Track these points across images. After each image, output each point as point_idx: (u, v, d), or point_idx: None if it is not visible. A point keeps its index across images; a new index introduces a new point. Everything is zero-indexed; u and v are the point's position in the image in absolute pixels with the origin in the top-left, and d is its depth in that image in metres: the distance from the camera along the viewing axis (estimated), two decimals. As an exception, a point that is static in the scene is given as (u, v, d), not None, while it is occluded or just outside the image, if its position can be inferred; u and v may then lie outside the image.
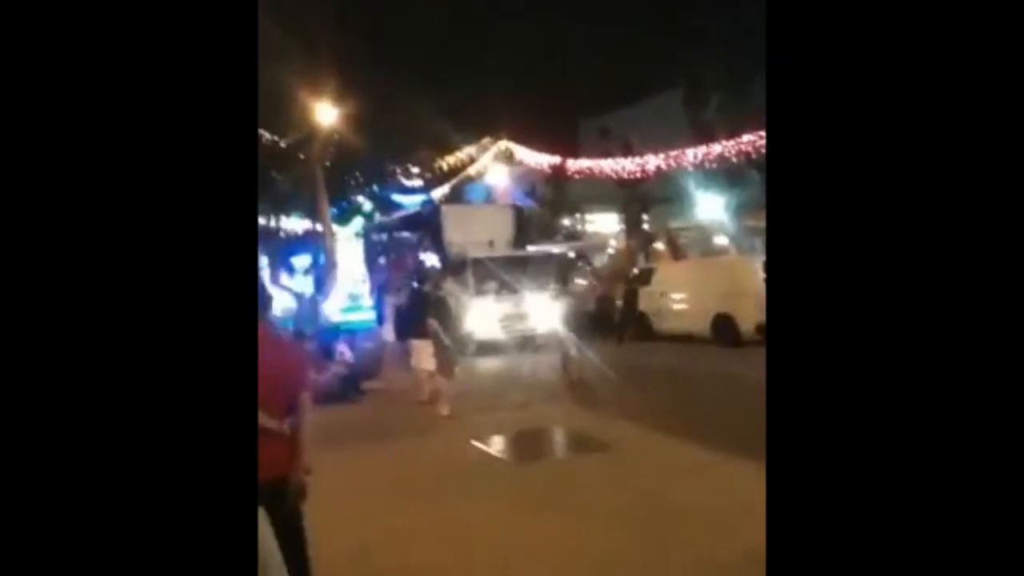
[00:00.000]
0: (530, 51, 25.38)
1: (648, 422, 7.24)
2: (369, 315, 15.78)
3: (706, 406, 8.20)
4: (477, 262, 14.70)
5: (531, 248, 17.56)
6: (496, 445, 6.86)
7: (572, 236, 25.91)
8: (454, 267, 14.58)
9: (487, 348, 13.41)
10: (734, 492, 4.80)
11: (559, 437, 7.47)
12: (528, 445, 7.11)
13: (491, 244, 15.74)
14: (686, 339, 14.16)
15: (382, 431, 7.61)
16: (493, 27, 25.01)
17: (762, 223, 16.54)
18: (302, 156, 20.07)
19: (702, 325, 13.86)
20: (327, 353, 10.50)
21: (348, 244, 21.48)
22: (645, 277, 16.08)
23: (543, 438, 7.41)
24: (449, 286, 12.20)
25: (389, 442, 7.13)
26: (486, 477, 5.86)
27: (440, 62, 23.33)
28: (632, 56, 24.59)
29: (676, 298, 14.72)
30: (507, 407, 8.74)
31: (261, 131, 20.48)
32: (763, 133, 15.68)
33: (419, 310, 9.51)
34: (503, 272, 14.61)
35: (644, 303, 15.37)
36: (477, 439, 7.02)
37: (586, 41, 24.92)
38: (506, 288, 14.51)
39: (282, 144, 20.43)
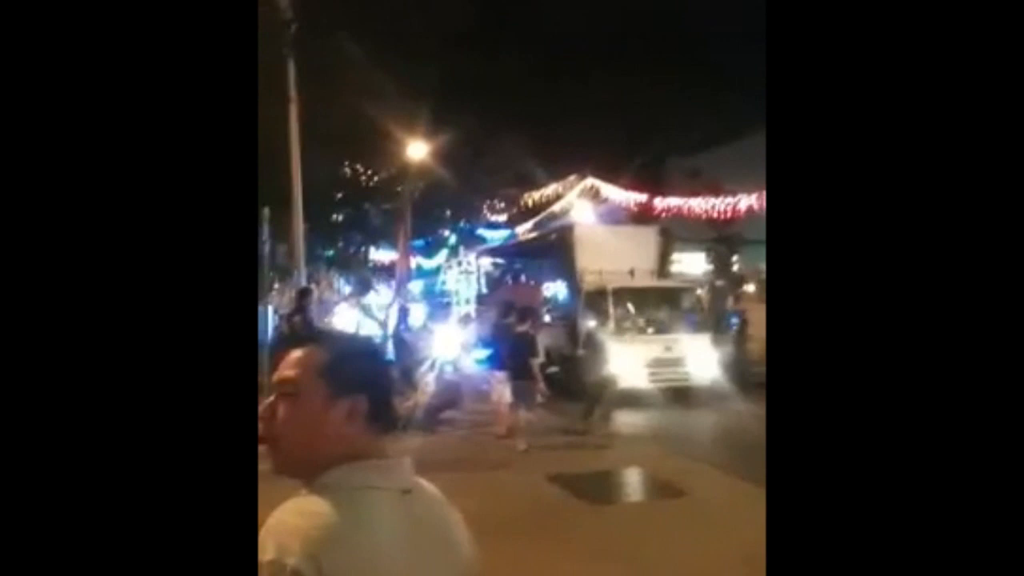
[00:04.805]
0: (619, 90, 25.43)
1: (736, 472, 6.90)
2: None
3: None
4: (618, 294, 12.26)
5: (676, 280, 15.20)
6: (571, 484, 6.68)
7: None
8: (589, 300, 12.54)
9: (629, 399, 10.74)
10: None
11: (638, 480, 7.21)
12: (605, 486, 6.90)
13: (631, 273, 13.07)
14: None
15: (457, 463, 7.56)
16: (583, 66, 25.25)
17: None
18: (394, 190, 20.71)
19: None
20: (409, 382, 10.60)
21: (465, 273, 20.56)
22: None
23: (621, 480, 7.18)
24: (587, 323, 11.34)
25: (463, 475, 7.07)
26: (558, 517, 5.69)
27: (529, 101, 23.70)
28: (727, 96, 24.26)
29: (765, 343, 14.04)
30: (587, 446, 8.54)
31: (357, 166, 21.40)
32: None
33: (502, 344, 9.50)
34: (649, 306, 12.56)
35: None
36: (553, 477, 6.86)
37: (677, 81, 24.78)
38: (654, 326, 12.32)
39: (375, 178, 21.16)
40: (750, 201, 18.56)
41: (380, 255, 24.62)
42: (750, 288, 21.72)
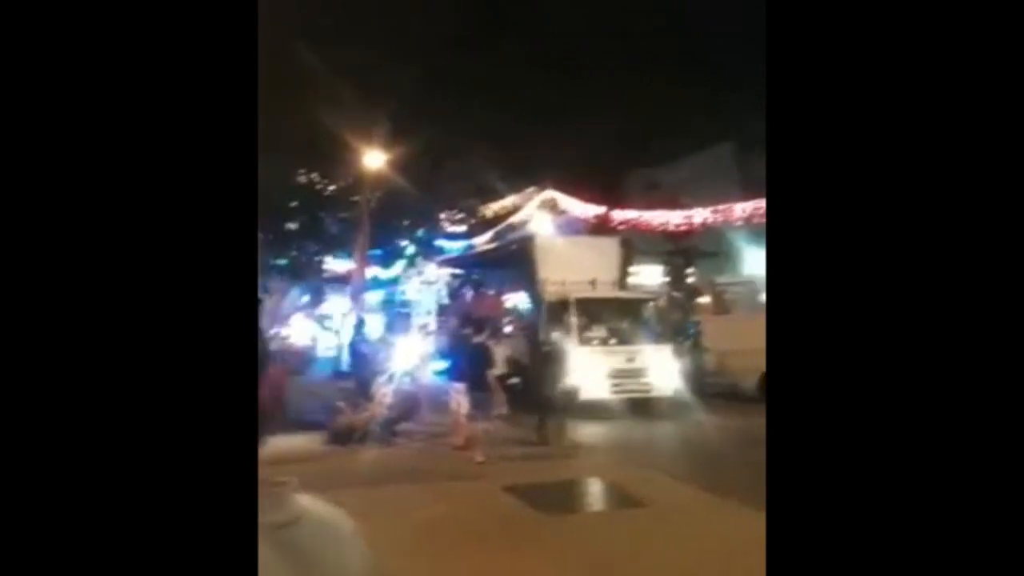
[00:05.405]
0: (579, 102, 25.69)
1: (695, 482, 6.94)
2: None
3: (748, 466, 7.83)
4: (581, 304, 12.26)
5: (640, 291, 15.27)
6: (528, 495, 6.62)
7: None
8: (551, 310, 12.42)
9: (589, 410, 10.91)
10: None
11: (595, 490, 7.19)
12: (562, 497, 6.85)
13: (593, 284, 13.19)
14: (730, 396, 13.70)
15: (414, 474, 7.44)
16: (542, 77, 25.45)
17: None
18: (351, 199, 20.49)
19: (748, 382, 13.40)
20: (365, 394, 10.42)
21: (426, 283, 20.29)
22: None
23: (578, 490, 7.14)
24: (549, 333, 11.38)
25: (419, 486, 6.96)
26: (515, 527, 5.63)
27: (488, 111, 23.77)
28: (684, 108, 24.69)
29: (720, 354, 14.24)
30: (545, 457, 8.50)
31: (312, 174, 21.13)
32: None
33: (459, 355, 9.43)
34: (611, 317, 12.63)
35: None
36: (509, 488, 6.79)
37: (637, 92, 25.13)
38: (616, 337, 12.35)
39: (331, 187, 20.92)
40: (706, 214, 18.91)
41: (336, 264, 24.29)
42: (705, 300, 22.07)
